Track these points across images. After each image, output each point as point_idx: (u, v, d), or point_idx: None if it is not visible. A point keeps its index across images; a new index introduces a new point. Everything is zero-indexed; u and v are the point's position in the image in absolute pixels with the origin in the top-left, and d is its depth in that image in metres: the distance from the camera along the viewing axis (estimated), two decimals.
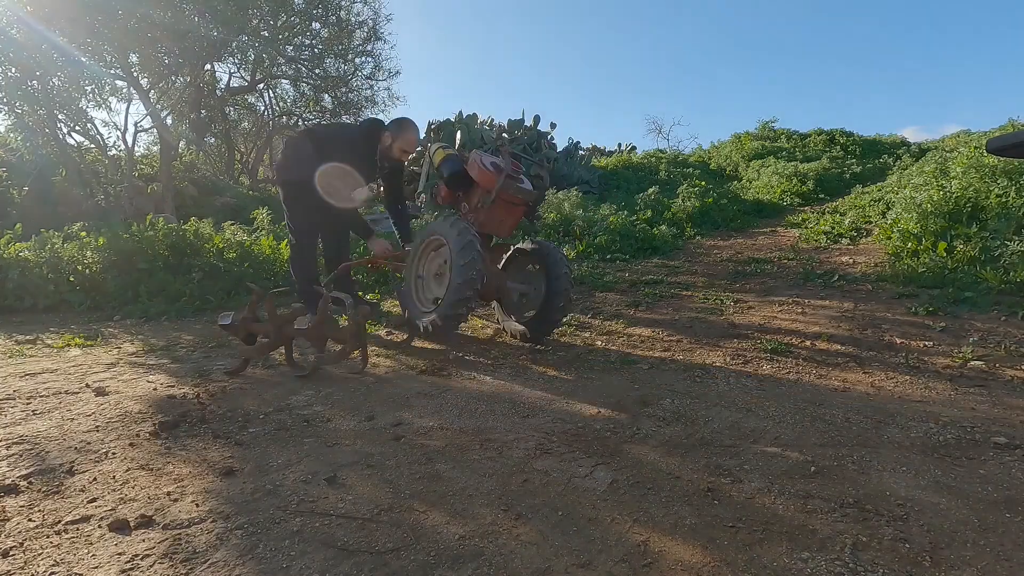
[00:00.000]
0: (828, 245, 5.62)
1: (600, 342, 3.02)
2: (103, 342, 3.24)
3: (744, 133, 15.16)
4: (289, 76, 14.43)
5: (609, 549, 1.20)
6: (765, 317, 3.35)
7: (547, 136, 11.29)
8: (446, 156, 3.18)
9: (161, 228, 4.75)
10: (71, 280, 4.31)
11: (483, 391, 2.26)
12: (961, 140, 10.83)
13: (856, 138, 13.79)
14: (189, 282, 4.27)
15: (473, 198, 3.06)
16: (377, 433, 1.84)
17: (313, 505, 1.39)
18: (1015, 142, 1.25)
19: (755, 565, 1.14)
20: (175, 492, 1.46)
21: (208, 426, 1.92)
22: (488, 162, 3.01)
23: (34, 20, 8.51)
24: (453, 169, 3.09)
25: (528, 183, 3.07)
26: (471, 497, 1.42)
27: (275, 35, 12.58)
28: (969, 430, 1.78)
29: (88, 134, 10.57)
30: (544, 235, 6.19)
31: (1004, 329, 2.85)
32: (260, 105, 16.05)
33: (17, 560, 1.19)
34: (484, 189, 2.95)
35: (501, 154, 3.03)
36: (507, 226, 3.08)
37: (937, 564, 1.14)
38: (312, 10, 13.05)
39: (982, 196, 4.41)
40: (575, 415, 1.97)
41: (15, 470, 1.60)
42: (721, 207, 7.76)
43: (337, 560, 1.17)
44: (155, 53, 10.43)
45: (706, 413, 1.97)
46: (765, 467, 1.56)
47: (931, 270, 3.86)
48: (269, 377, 2.51)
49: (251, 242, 5.13)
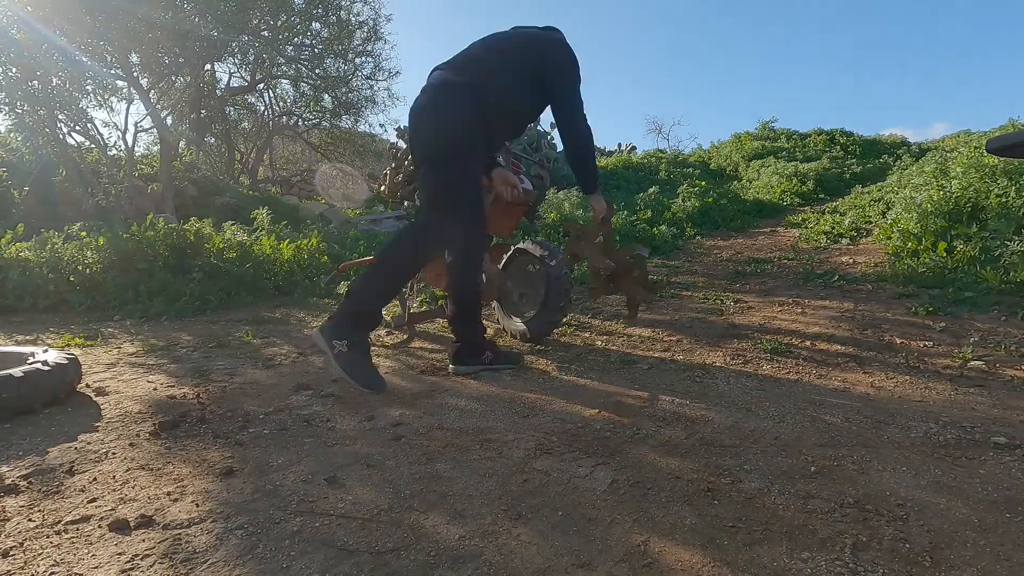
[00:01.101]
0: (828, 245, 5.62)
1: (600, 342, 3.02)
2: (103, 342, 3.24)
3: (744, 133, 15.17)
4: (289, 76, 14.44)
5: (609, 549, 1.20)
6: (765, 317, 3.35)
7: (547, 136, 11.29)
8: None
9: (161, 228, 4.75)
10: (71, 280, 4.31)
11: (483, 391, 2.26)
12: (961, 140, 10.83)
13: (856, 138, 13.80)
14: (189, 282, 4.27)
15: None
16: (377, 433, 1.84)
17: (313, 505, 1.39)
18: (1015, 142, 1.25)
19: (755, 565, 1.14)
20: (175, 492, 1.46)
21: (208, 426, 1.92)
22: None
23: (34, 20, 8.52)
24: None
25: (528, 183, 3.07)
26: (471, 497, 1.42)
27: (275, 35, 12.59)
28: (969, 430, 1.78)
29: (88, 134, 10.58)
30: (544, 235, 6.19)
31: (1004, 329, 2.85)
32: (260, 105, 16.07)
33: (17, 560, 1.19)
34: (484, 189, 2.95)
35: (501, 154, 3.03)
36: (507, 226, 3.08)
37: (937, 564, 1.14)
38: (312, 10, 13.05)
39: (982, 196, 4.41)
40: (575, 415, 1.97)
41: (15, 470, 1.60)
42: (721, 207, 7.76)
43: (337, 560, 1.17)
44: (155, 53, 10.43)
45: (706, 413, 1.97)
46: (765, 467, 1.56)
47: (931, 270, 3.86)
48: (269, 377, 2.51)
49: (251, 242, 5.14)
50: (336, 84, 14.35)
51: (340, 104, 14.93)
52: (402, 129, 11.97)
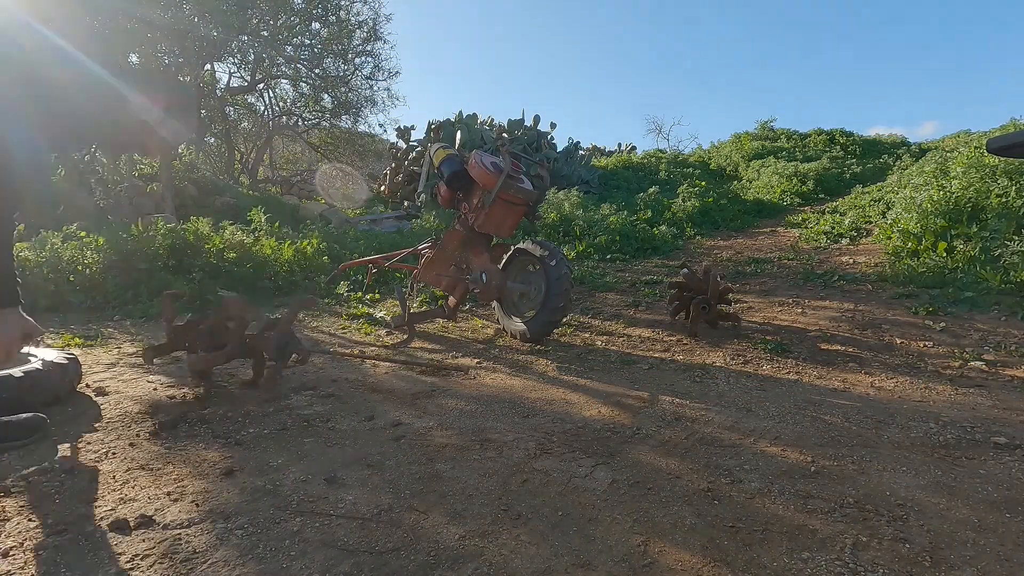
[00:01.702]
0: (828, 245, 5.62)
1: (600, 342, 3.02)
2: (103, 342, 3.23)
3: (744, 133, 15.18)
4: (289, 76, 14.43)
5: (609, 549, 1.20)
6: (765, 317, 3.35)
7: (547, 136, 11.29)
8: (447, 156, 3.17)
9: (161, 228, 4.75)
10: (71, 280, 4.31)
11: (483, 391, 2.26)
12: (961, 140, 10.83)
13: (856, 138, 13.80)
14: (189, 282, 4.27)
15: (473, 198, 3.06)
16: (377, 433, 1.84)
17: (313, 505, 1.39)
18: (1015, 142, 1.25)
19: (755, 565, 1.14)
20: (175, 492, 1.46)
21: (208, 426, 1.91)
22: (488, 162, 3.01)
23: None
24: (453, 169, 3.08)
25: (528, 183, 3.07)
26: (471, 497, 1.42)
27: (275, 35, 12.59)
28: (969, 430, 1.78)
29: None
30: (544, 235, 6.19)
31: (1004, 329, 2.85)
32: (260, 105, 16.05)
33: (17, 560, 1.19)
34: (484, 189, 2.96)
35: (501, 154, 3.04)
36: (507, 226, 3.08)
37: (937, 564, 1.14)
38: (312, 10, 13.05)
39: (982, 196, 4.41)
40: (575, 415, 1.97)
41: (15, 470, 1.59)
42: (721, 207, 7.76)
43: (337, 560, 1.17)
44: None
45: (706, 413, 1.97)
46: (765, 467, 1.56)
47: (931, 270, 3.86)
48: None
49: (252, 242, 5.14)
50: (336, 84, 14.35)
51: (340, 104, 14.93)
52: (402, 129, 11.98)
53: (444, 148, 3.26)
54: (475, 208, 3.02)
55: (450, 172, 3.08)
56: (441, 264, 3.28)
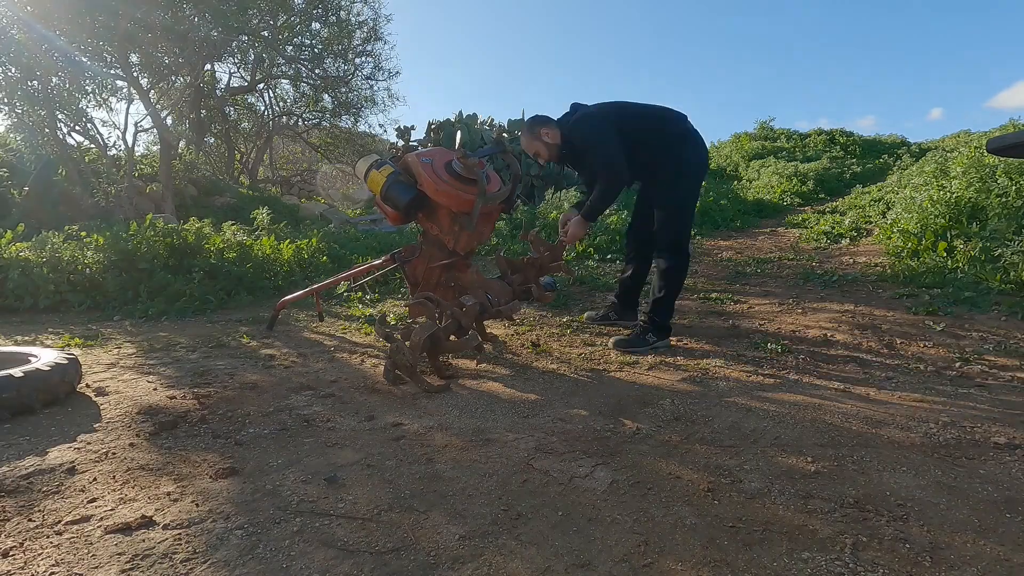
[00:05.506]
0: (828, 245, 5.62)
1: (600, 342, 3.02)
2: (103, 342, 3.23)
3: (744, 133, 15.20)
4: (289, 76, 14.45)
5: (609, 549, 1.20)
6: (765, 317, 3.35)
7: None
8: (388, 180, 2.59)
9: (161, 228, 4.75)
10: (71, 280, 4.31)
11: (483, 391, 2.26)
12: (961, 140, 10.84)
13: (856, 138, 13.82)
14: (189, 282, 4.27)
15: (441, 219, 2.64)
16: (377, 433, 1.84)
17: (313, 505, 1.39)
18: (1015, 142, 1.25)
19: (755, 565, 1.14)
20: (175, 492, 1.46)
21: (208, 426, 1.92)
22: (446, 177, 2.55)
23: (34, 20, 8.52)
24: (411, 195, 2.56)
25: (497, 179, 2.81)
26: (471, 497, 1.42)
27: (275, 35, 12.59)
28: (969, 430, 1.78)
29: (88, 134, 10.57)
30: (544, 235, 6.19)
31: (1004, 329, 2.85)
32: (260, 105, 16.06)
33: (17, 560, 1.19)
34: (460, 212, 2.56)
35: (458, 160, 2.60)
36: (487, 233, 2.92)
37: (937, 564, 1.14)
38: (312, 10, 13.06)
39: (982, 196, 4.41)
40: (575, 415, 1.97)
41: (15, 470, 1.60)
42: (721, 207, 7.76)
43: (337, 560, 1.17)
44: (155, 53, 10.43)
45: (706, 413, 1.97)
46: (765, 467, 1.56)
47: (931, 270, 3.86)
48: (269, 378, 2.51)
49: (252, 242, 5.14)
50: (336, 84, 14.37)
51: (340, 104, 14.94)
52: (402, 129, 11.96)
53: (375, 167, 2.65)
54: (450, 231, 2.62)
55: (408, 200, 2.56)
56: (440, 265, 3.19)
